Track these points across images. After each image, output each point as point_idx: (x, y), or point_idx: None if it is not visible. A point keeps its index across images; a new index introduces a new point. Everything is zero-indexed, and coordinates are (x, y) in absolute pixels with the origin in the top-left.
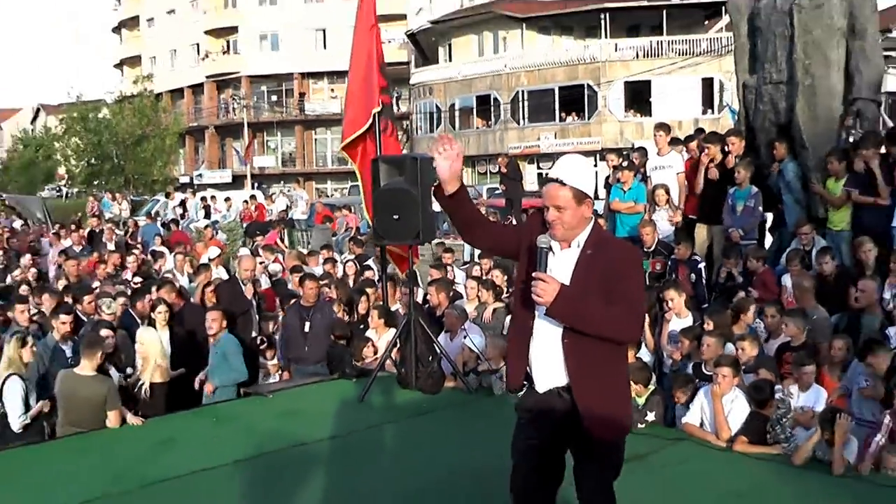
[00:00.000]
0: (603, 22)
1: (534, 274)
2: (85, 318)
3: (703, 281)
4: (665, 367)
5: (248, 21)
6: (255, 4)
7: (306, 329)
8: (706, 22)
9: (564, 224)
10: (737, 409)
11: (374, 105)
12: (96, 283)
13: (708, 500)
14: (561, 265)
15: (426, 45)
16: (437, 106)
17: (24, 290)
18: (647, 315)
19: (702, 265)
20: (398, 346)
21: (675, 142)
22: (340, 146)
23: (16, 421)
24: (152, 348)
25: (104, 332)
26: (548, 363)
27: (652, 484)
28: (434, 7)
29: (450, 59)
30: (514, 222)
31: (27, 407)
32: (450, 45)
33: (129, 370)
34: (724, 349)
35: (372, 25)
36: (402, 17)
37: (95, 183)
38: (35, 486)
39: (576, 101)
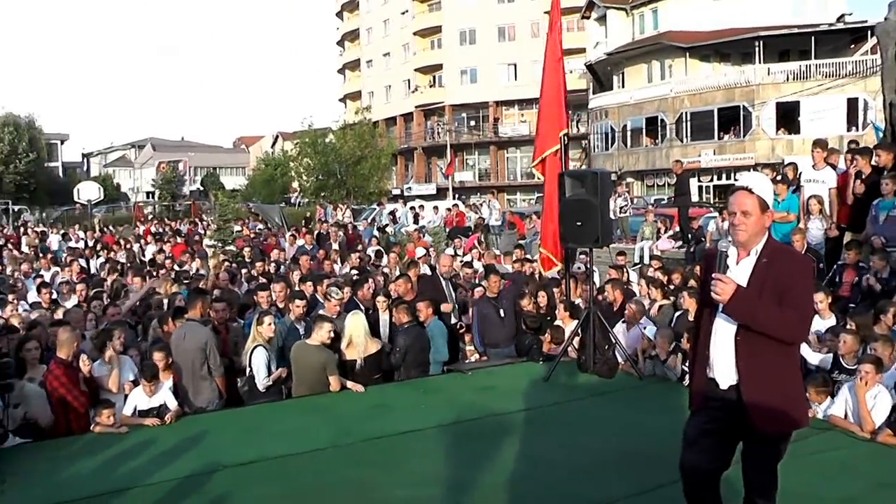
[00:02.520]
0: (757, 49)
1: (713, 275)
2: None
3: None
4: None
5: (451, 59)
6: (456, 45)
7: (501, 315)
8: (852, 45)
9: (748, 229)
10: (880, 404)
11: (562, 127)
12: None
13: (855, 488)
14: (739, 273)
15: (602, 73)
16: (611, 127)
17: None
18: None
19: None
20: (579, 334)
21: (832, 152)
22: (533, 163)
23: (261, 382)
24: (355, 330)
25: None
26: (725, 362)
27: (800, 470)
28: (609, 40)
29: (623, 86)
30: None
31: (269, 372)
32: (623, 74)
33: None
34: (862, 348)
35: (559, 58)
36: (582, 50)
37: (322, 194)
38: (276, 435)
39: (732, 120)
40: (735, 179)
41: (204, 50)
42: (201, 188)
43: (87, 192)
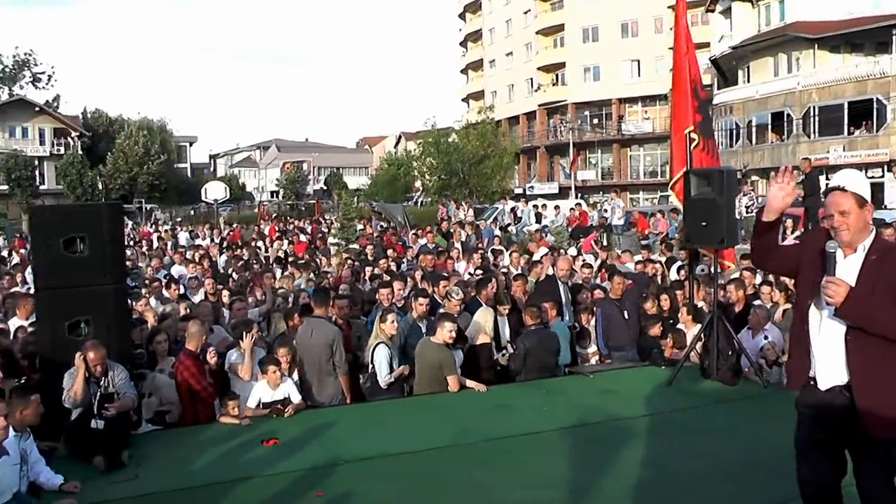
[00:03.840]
0: (893, 37)
1: (826, 278)
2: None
3: None
4: None
5: (574, 56)
6: (579, 42)
7: (626, 317)
8: None
9: (850, 227)
10: None
11: (687, 124)
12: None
13: None
14: (846, 269)
15: (727, 68)
16: (736, 123)
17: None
18: None
19: None
20: (702, 339)
21: None
22: (671, 182)
23: (382, 379)
24: (482, 326)
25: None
26: (830, 362)
27: None
28: (734, 33)
29: (748, 80)
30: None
31: (391, 369)
32: (748, 67)
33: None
34: None
35: (684, 53)
36: (706, 44)
37: (445, 193)
38: (397, 432)
39: (864, 115)
40: (870, 177)
41: (328, 53)
42: (325, 188)
43: (214, 191)
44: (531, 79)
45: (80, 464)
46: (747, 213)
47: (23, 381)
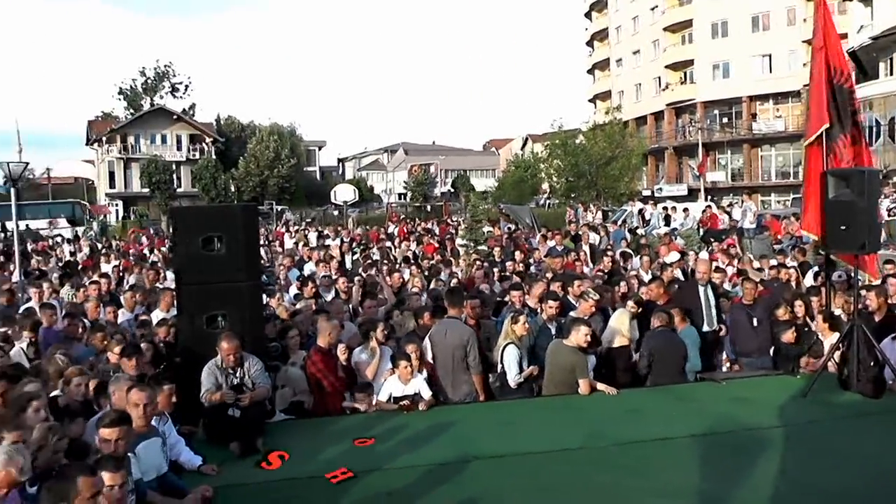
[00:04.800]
0: None
1: None
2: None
3: None
4: None
5: (703, 53)
6: (708, 38)
7: (754, 324)
8: None
9: None
10: None
11: (824, 121)
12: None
13: None
14: None
15: (867, 60)
16: (876, 120)
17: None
18: None
19: None
20: (841, 348)
21: None
22: (803, 167)
23: (512, 379)
24: (619, 329)
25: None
26: None
27: None
28: (875, 23)
29: (890, 73)
30: None
31: (520, 369)
32: (890, 59)
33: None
34: None
35: (820, 47)
36: (844, 35)
37: (572, 195)
38: (527, 432)
39: None
40: None
41: (454, 56)
42: (452, 190)
43: (344, 193)
44: (658, 77)
45: (217, 448)
46: (889, 216)
47: (161, 369)
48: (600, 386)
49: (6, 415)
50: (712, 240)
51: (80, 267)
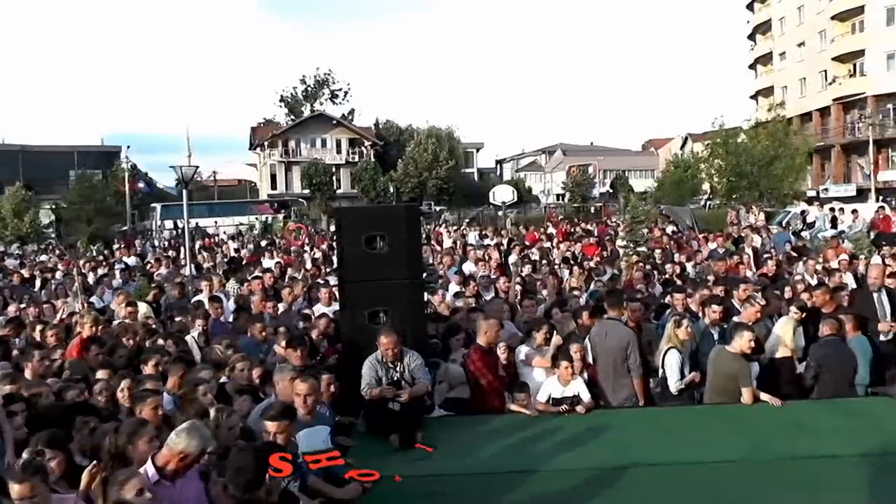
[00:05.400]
0: None
1: None
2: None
3: None
4: None
5: (875, 42)
6: (882, 25)
7: None
8: None
9: None
10: None
11: None
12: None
13: None
14: None
15: None
16: None
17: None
18: None
19: None
20: None
21: None
22: None
23: (673, 385)
24: (783, 338)
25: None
26: None
27: None
28: None
29: None
30: None
31: (681, 375)
32: None
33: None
34: None
35: None
36: None
37: (734, 197)
38: (687, 440)
39: None
40: None
41: (612, 53)
42: (610, 191)
43: (502, 194)
44: (825, 70)
45: (377, 440)
46: None
47: (317, 360)
48: (764, 396)
49: (188, 395)
50: (884, 243)
51: (244, 263)
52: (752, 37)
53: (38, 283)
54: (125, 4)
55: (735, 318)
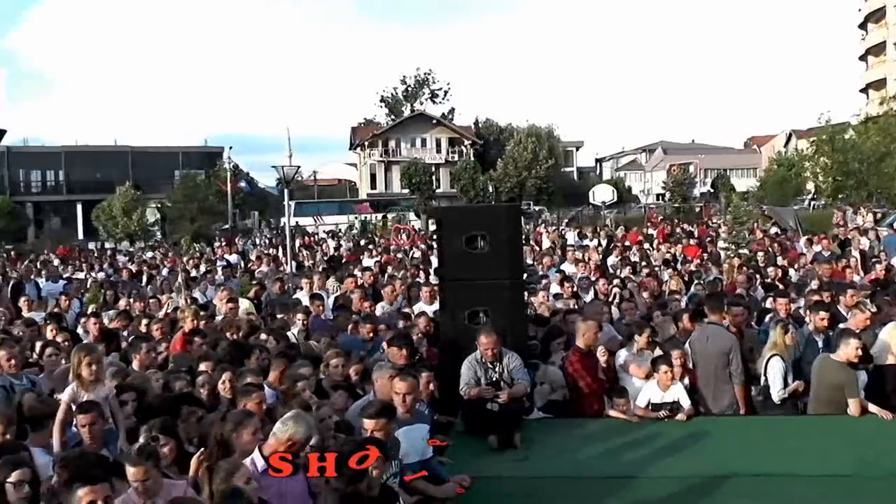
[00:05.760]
0: None
1: None
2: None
3: None
4: None
5: None
6: None
7: None
8: None
9: None
10: None
11: None
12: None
13: None
14: None
15: None
16: None
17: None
18: None
19: None
20: None
21: None
22: None
23: (776, 394)
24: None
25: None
26: None
27: None
28: None
29: None
30: None
31: (785, 384)
32: None
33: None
34: None
35: None
36: None
37: (840, 196)
38: (791, 452)
39: None
40: None
41: (713, 48)
42: (711, 190)
43: (602, 194)
44: None
45: (475, 439)
46: None
47: (417, 360)
48: (873, 408)
49: (290, 389)
50: None
51: (343, 261)
52: (863, 26)
53: (144, 278)
54: (228, 9)
55: (841, 325)
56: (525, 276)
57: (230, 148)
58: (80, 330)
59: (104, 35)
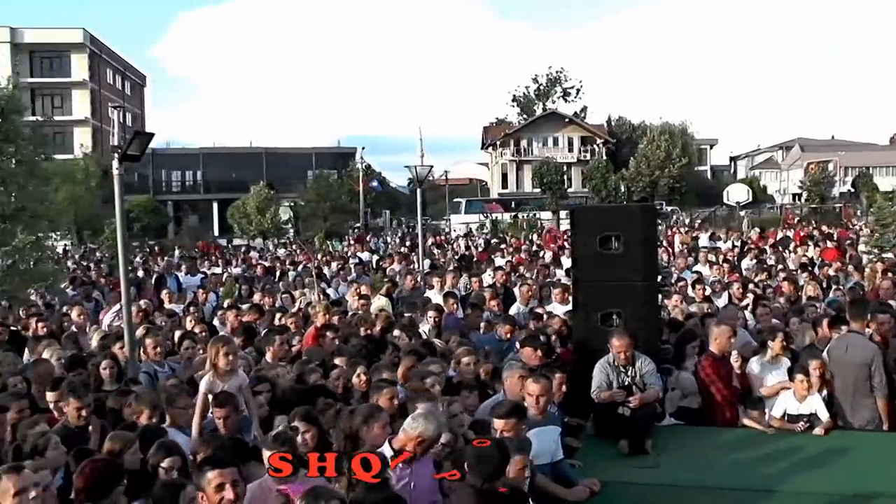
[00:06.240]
0: None
1: None
2: None
3: None
4: None
5: None
6: None
7: None
8: None
9: None
10: None
11: None
12: None
13: None
14: None
15: None
16: None
17: None
18: None
19: None
20: None
21: None
22: None
23: None
24: None
25: None
26: None
27: None
28: None
29: None
30: None
31: None
32: None
33: None
34: None
35: None
36: None
37: None
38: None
39: None
40: None
41: (855, 37)
42: (852, 189)
43: (737, 193)
44: None
45: (605, 444)
46: None
47: (553, 360)
48: None
49: (419, 387)
50: None
51: (474, 260)
52: None
53: (278, 274)
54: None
55: None
56: (659, 277)
57: (363, 148)
58: (216, 322)
59: (241, 42)
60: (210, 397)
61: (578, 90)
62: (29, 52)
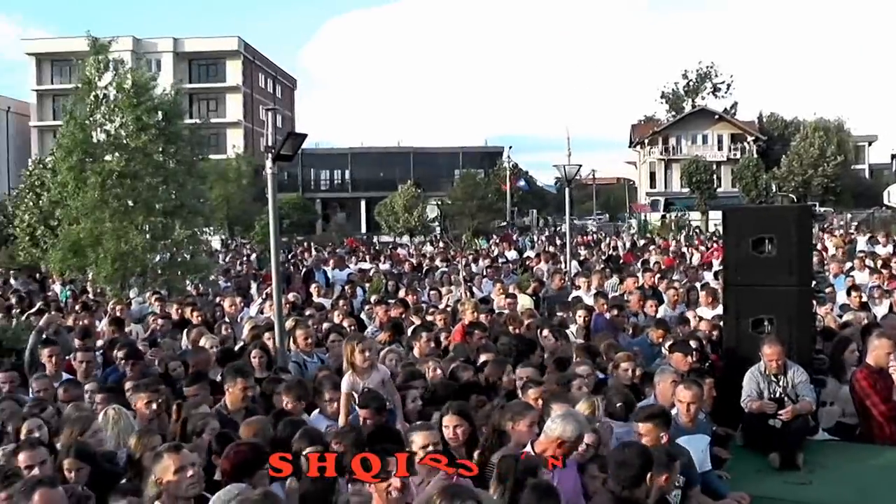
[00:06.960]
0: None
1: None
2: None
3: None
4: None
5: None
6: None
7: None
8: None
9: None
10: None
11: None
12: None
13: None
14: None
15: None
16: None
17: None
18: None
19: None
20: None
21: None
22: None
23: None
24: None
25: None
26: None
27: None
28: None
29: None
30: None
31: None
32: None
33: None
34: None
35: None
36: None
37: None
38: None
39: None
40: None
41: None
42: None
43: None
44: None
45: (755, 455)
46: None
47: (706, 366)
48: None
49: (554, 389)
50: None
51: (621, 261)
52: None
53: (425, 270)
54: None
55: None
56: (814, 283)
57: (510, 147)
58: (363, 316)
59: (389, 44)
60: (355, 395)
61: (729, 85)
62: (188, 59)
